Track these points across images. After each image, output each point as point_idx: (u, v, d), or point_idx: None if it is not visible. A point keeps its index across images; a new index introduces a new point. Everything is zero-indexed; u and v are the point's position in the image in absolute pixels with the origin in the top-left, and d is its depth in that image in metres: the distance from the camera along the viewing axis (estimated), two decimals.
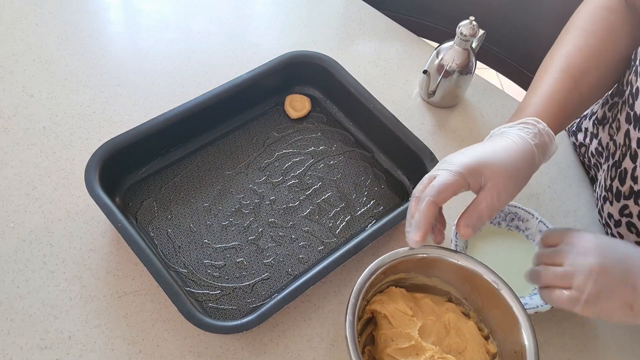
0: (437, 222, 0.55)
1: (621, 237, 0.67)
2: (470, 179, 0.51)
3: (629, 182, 0.62)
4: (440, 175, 0.51)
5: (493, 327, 0.58)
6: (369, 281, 0.55)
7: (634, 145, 0.61)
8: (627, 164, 0.62)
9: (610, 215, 0.68)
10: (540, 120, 0.56)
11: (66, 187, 0.68)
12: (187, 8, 0.90)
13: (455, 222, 0.67)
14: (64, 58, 0.80)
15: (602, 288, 0.47)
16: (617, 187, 0.64)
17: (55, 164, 0.69)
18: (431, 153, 0.69)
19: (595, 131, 0.74)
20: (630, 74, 0.62)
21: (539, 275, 0.53)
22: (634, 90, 0.60)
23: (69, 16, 0.84)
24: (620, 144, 0.64)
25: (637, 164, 0.60)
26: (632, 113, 0.61)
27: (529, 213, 0.68)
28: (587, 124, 0.77)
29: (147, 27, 0.86)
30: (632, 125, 0.61)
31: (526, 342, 0.53)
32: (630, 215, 0.64)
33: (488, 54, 1.03)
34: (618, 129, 0.65)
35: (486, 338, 0.59)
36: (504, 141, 0.54)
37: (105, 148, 0.64)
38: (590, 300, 0.47)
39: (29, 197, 0.66)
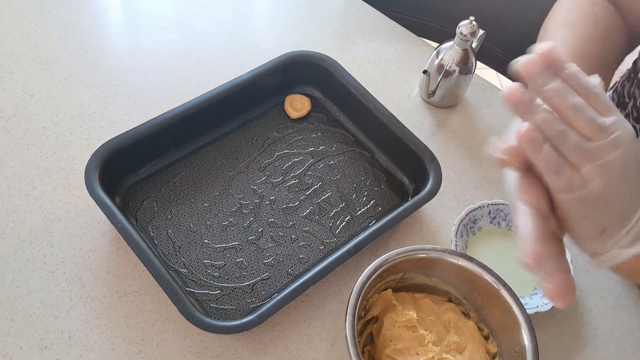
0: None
1: None
2: None
3: None
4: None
5: (493, 327, 0.58)
6: (369, 281, 0.55)
7: None
8: None
9: None
10: None
11: (66, 187, 0.68)
12: (187, 8, 0.90)
13: (455, 221, 0.67)
14: (64, 58, 0.80)
15: (601, 195, 0.37)
16: None
17: (55, 164, 0.69)
18: (431, 153, 0.69)
19: None
20: (633, 87, 0.61)
21: (562, 135, 0.37)
22: (638, 104, 0.60)
23: (69, 16, 0.84)
24: None
25: None
26: (638, 126, 0.60)
27: None
28: None
29: (147, 27, 0.86)
30: None
31: (526, 342, 0.53)
32: None
33: (488, 54, 1.03)
34: None
35: (486, 338, 0.59)
36: None
37: (105, 148, 0.64)
38: (582, 198, 0.37)
39: (29, 197, 0.66)
